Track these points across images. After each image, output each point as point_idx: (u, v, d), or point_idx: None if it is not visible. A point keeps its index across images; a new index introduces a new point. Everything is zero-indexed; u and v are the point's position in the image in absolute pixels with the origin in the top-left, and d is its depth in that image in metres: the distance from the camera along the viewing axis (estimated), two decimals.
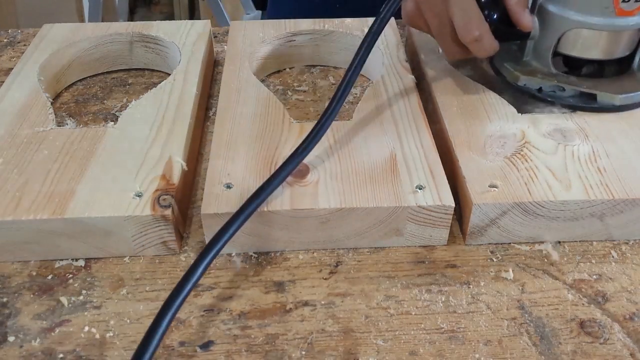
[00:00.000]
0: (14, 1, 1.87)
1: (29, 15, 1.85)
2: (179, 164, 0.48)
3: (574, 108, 0.53)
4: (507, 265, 0.45)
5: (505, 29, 0.51)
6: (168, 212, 0.44)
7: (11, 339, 0.40)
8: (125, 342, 0.40)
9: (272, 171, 0.47)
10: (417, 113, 0.53)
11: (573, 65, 0.56)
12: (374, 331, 0.40)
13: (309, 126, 0.52)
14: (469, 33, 0.50)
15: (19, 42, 0.74)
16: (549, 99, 0.54)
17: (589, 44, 0.52)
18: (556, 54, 0.54)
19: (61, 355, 0.39)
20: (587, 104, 0.53)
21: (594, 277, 0.44)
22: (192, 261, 0.45)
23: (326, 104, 0.49)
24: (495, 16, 0.50)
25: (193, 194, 0.52)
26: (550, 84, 0.54)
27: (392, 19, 0.70)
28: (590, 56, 0.53)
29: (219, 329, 0.41)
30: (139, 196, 0.45)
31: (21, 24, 1.83)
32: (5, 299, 0.43)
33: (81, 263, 0.45)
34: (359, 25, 0.67)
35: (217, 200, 0.44)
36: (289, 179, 0.46)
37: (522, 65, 0.56)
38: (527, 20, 0.51)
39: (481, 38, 0.50)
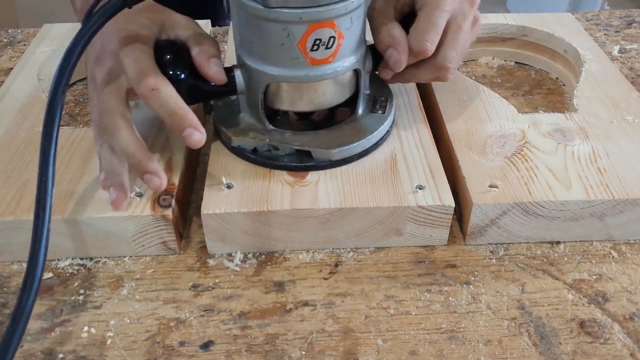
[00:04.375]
0: (14, 1, 1.87)
1: (29, 15, 1.85)
2: (179, 164, 0.48)
3: (288, 168, 0.47)
4: (507, 265, 0.45)
5: (201, 85, 0.45)
6: (168, 212, 0.44)
7: None
8: (125, 342, 0.40)
9: (272, 171, 0.47)
10: (417, 113, 0.53)
11: (303, 117, 0.50)
12: (374, 331, 0.40)
13: None
14: (143, 83, 0.41)
15: (19, 42, 0.74)
16: (266, 161, 0.47)
17: (294, 97, 0.47)
18: (269, 108, 0.49)
19: (61, 355, 0.39)
20: (302, 162, 0.47)
21: (594, 277, 0.44)
22: (193, 261, 0.45)
23: None
24: (182, 75, 0.43)
25: (193, 194, 0.52)
26: (263, 144, 0.48)
27: None
28: (298, 109, 0.48)
29: (219, 329, 0.41)
30: (139, 196, 0.45)
31: (21, 24, 1.83)
32: (5, 299, 0.43)
33: (81, 263, 0.45)
34: None
35: (217, 200, 0.44)
36: (289, 178, 0.46)
37: (236, 125, 0.49)
38: (212, 71, 0.44)
39: (157, 86, 0.41)
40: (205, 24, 0.68)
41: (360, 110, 0.50)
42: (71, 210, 0.44)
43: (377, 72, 0.50)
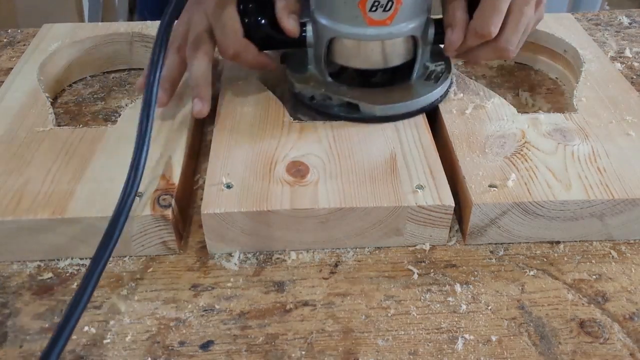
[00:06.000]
0: (14, 1, 1.87)
1: (29, 15, 1.85)
2: (179, 164, 0.48)
3: (338, 118, 0.52)
4: (507, 265, 0.45)
5: (276, 35, 0.51)
6: (168, 212, 0.44)
7: (11, 339, 0.40)
8: (125, 342, 0.40)
9: (272, 171, 0.47)
10: None
11: (363, 76, 0.55)
12: (374, 331, 0.40)
13: (309, 126, 0.52)
14: (225, 51, 0.51)
15: (19, 42, 0.74)
16: (320, 109, 0.53)
17: (351, 53, 0.52)
18: (333, 63, 0.54)
19: (61, 355, 0.39)
20: (349, 113, 0.52)
21: (594, 277, 0.44)
22: (193, 261, 0.45)
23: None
24: (263, 21, 0.51)
25: (193, 194, 0.52)
26: (319, 93, 0.53)
27: None
28: (355, 65, 0.53)
29: (219, 329, 0.41)
30: (139, 196, 0.45)
31: (21, 24, 1.82)
32: (5, 299, 0.43)
33: (81, 263, 0.45)
34: None
35: (217, 200, 0.44)
36: (289, 178, 0.46)
37: (301, 73, 0.55)
38: (289, 25, 0.50)
39: (238, 54, 0.51)
40: None
41: (414, 77, 0.55)
42: (71, 210, 0.44)
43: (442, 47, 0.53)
